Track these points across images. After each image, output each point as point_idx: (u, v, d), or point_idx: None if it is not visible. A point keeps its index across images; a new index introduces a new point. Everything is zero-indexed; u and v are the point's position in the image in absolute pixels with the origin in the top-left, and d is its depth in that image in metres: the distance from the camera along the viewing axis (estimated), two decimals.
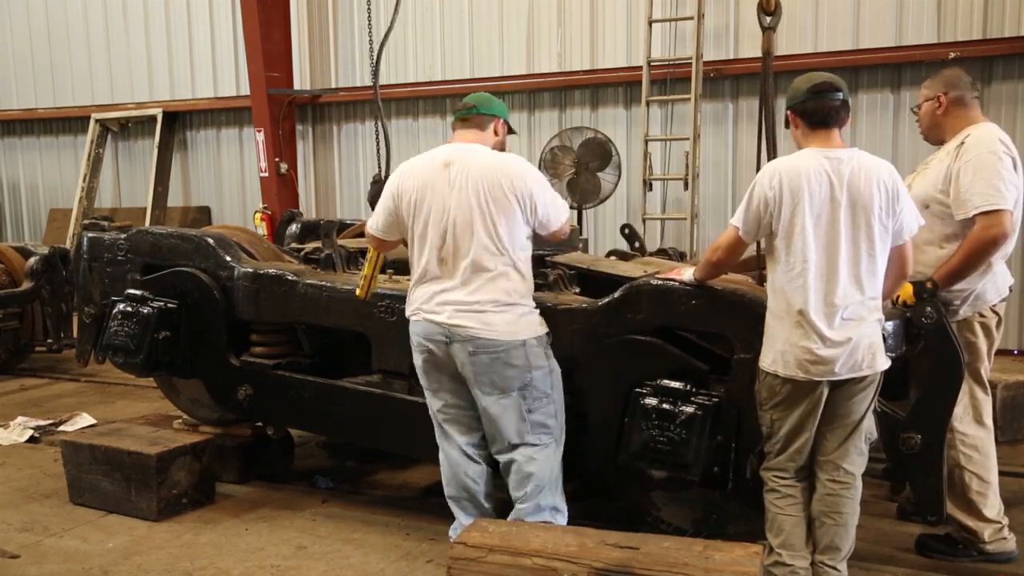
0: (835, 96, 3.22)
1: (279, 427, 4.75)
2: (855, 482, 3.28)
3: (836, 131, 3.23)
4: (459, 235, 3.44)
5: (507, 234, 3.45)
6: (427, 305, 3.51)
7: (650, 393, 3.49)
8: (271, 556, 3.90)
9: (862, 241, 3.12)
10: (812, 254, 3.11)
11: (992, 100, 7.58)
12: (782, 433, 3.25)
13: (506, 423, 3.50)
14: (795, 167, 3.16)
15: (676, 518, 3.77)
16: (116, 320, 4.60)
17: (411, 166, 3.66)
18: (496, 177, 3.45)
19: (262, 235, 8.12)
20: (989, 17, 7.44)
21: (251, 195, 10.97)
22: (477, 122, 3.67)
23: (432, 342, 3.51)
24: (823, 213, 3.11)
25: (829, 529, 3.27)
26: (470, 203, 3.43)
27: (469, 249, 3.43)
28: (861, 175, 3.12)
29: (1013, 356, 7.48)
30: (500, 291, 3.44)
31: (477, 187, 3.43)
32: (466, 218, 3.43)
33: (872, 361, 3.15)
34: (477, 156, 3.52)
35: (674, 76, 8.44)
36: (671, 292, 3.57)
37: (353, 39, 10.19)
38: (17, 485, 4.83)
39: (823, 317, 3.10)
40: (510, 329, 3.44)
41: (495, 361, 3.43)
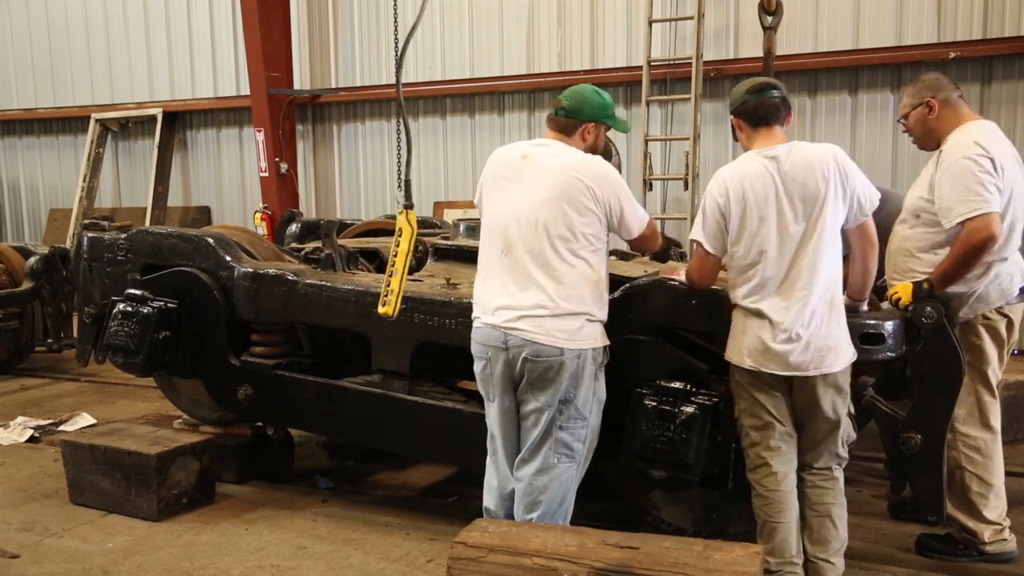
0: (773, 94, 3.27)
1: (279, 427, 4.75)
2: (833, 474, 3.31)
3: (778, 128, 3.27)
4: (524, 233, 3.25)
5: (577, 236, 3.23)
6: (487, 309, 3.33)
7: (650, 393, 3.49)
8: (271, 556, 3.90)
9: (813, 234, 3.14)
10: (762, 253, 3.17)
11: (992, 100, 7.59)
12: (750, 425, 3.30)
13: (532, 432, 3.33)
14: (737, 172, 3.24)
15: (676, 518, 3.77)
16: (116, 320, 4.60)
17: (495, 155, 3.47)
18: (572, 175, 3.24)
19: (262, 235, 8.12)
20: (989, 17, 7.45)
21: (251, 195, 10.97)
22: (562, 125, 3.41)
23: (489, 347, 3.32)
24: (769, 213, 3.16)
25: (814, 521, 3.30)
26: (541, 199, 3.23)
27: (534, 249, 3.23)
28: (801, 167, 3.16)
29: (1013, 356, 7.48)
30: (564, 296, 3.22)
31: (551, 184, 3.23)
32: (533, 217, 3.23)
33: (822, 362, 3.15)
34: (554, 152, 3.33)
35: (674, 76, 8.45)
36: (671, 292, 3.57)
37: (353, 39, 10.19)
38: (17, 485, 4.83)
39: (776, 311, 3.14)
40: (569, 338, 3.22)
41: (548, 369, 3.22)
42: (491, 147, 9.62)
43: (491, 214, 3.37)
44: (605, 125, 3.47)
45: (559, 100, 3.43)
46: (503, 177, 3.36)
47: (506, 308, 3.26)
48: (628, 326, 3.62)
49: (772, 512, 3.29)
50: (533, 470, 3.33)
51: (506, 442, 3.44)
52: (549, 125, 3.47)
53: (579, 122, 3.39)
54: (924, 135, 3.75)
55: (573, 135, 3.40)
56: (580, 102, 3.41)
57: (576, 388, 3.26)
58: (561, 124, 3.42)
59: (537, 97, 9.37)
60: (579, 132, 3.40)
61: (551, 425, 3.29)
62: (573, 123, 3.40)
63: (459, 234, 5.52)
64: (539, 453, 3.33)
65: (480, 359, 3.40)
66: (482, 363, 3.39)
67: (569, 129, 3.40)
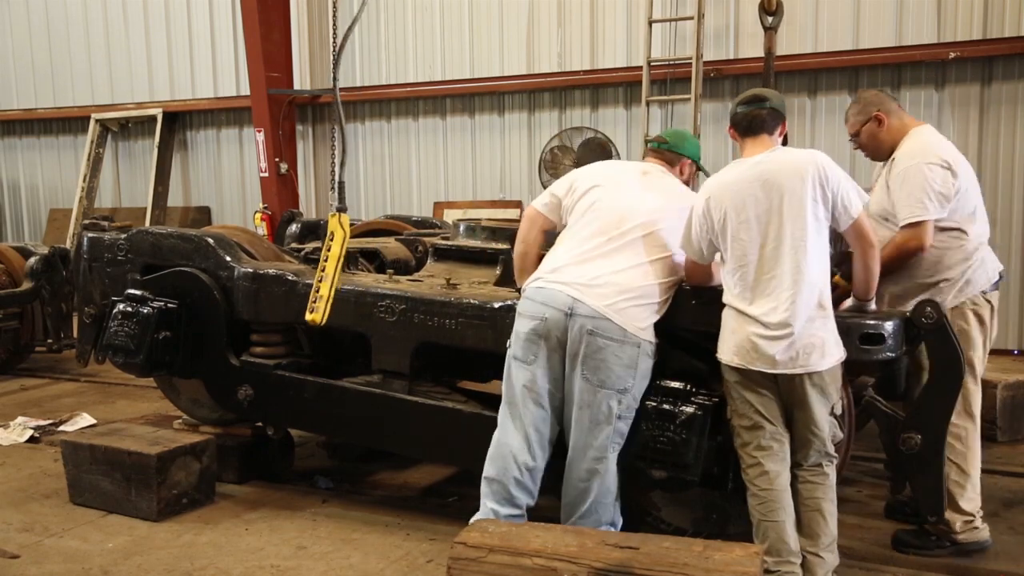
0: (762, 104, 3.41)
1: (279, 427, 4.74)
2: (824, 470, 3.34)
3: (766, 136, 3.40)
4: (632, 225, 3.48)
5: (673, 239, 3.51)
6: (555, 275, 3.47)
7: (650, 393, 3.49)
8: (271, 556, 3.90)
9: (795, 234, 3.20)
10: (746, 255, 3.25)
11: (992, 100, 7.60)
12: (741, 425, 3.34)
13: (590, 419, 3.40)
14: (720, 182, 3.37)
15: (676, 518, 3.77)
16: (116, 320, 4.59)
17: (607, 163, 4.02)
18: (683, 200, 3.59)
19: (262, 235, 8.13)
20: (989, 17, 7.46)
21: (251, 195, 10.98)
22: (667, 158, 3.79)
23: (550, 308, 3.39)
24: (752, 216, 3.25)
25: (804, 515, 3.33)
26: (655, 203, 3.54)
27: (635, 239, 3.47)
28: (780, 170, 3.25)
29: (1013, 356, 7.49)
30: (640, 285, 3.41)
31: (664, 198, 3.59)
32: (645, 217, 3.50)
33: (808, 360, 3.19)
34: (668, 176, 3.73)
35: (674, 76, 8.45)
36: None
37: (353, 39, 10.19)
38: (17, 485, 4.83)
39: (762, 310, 3.20)
40: (634, 325, 3.37)
41: (606, 349, 3.33)
42: (491, 147, 9.73)
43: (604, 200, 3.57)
44: (697, 167, 3.90)
45: (660, 136, 3.87)
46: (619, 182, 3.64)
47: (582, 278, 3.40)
48: None
49: (766, 511, 3.31)
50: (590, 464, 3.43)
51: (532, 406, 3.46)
52: (652, 156, 3.84)
53: (679, 156, 3.79)
54: (876, 148, 3.92)
55: (675, 166, 3.79)
56: (681, 139, 3.84)
57: (634, 377, 3.39)
58: (666, 157, 3.80)
59: (537, 97, 9.38)
60: (679, 165, 3.80)
61: (611, 414, 3.39)
62: (675, 157, 3.79)
63: (459, 234, 5.52)
64: (595, 443, 3.41)
65: (531, 318, 3.44)
66: (533, 322, 3.43)
67: (673, 161, 3.79)
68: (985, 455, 5.03)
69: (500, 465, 3.50)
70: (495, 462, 3.52)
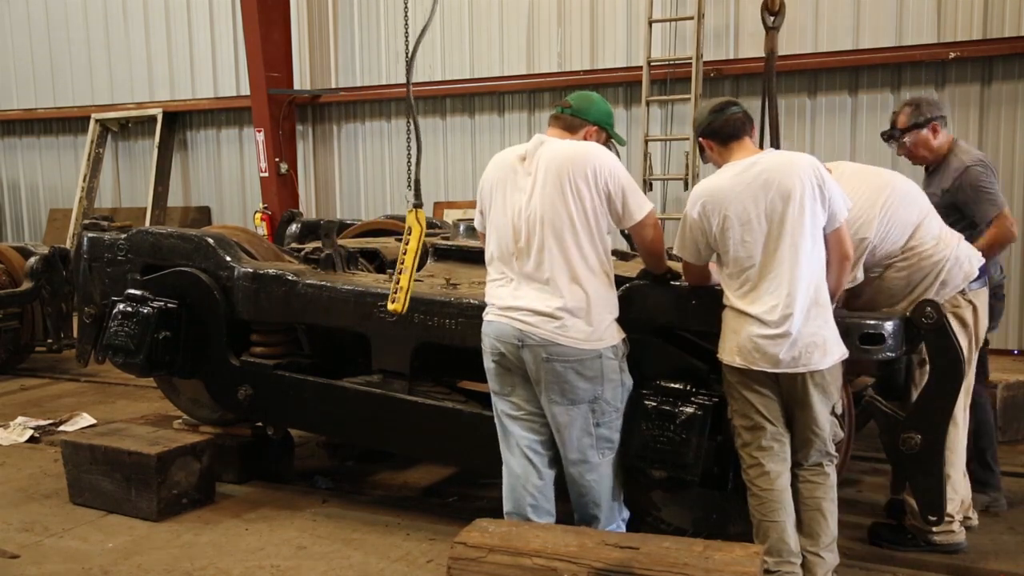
0: (735, 110, 3.37)
1: (279, 427, 4.74)
2: (824, 470, 3.34)
3: (747, 139, 3.37)
4: (536, 231, 3.22)
5: (590, 230, 3.22)
6: (500, 304, 3.32)
7: (650, 393, 3.48)
8: (271, 556, 3.90)
9: (794, 233, 3.18)
10: (748, 256, 3.23)
11: (992, 100, 7.59)
12: (742, 425, 3.34)
13: (571, 435, 3.32)
14: (715, 187, 3.31)
15: (676, 518, 3.77)
16: (116, 320, 4.60)
17: (494, 160, 3.46)
18: (576, 165, 3.20)
19: (262, 235, 8.13)
20: (989, 17, 7.45)
21: (251, 195, 10.97)
22: (567, 123, 3.41)
23: (504, 344, 3.30)
24: (753, 218, 3.22)
25: (805, 515, 3.33)
26: (549, 196, 3.20)
27: (547, 247, 3.21)
28: (777, 169, 3.23)
29: (1013, 356, 7.49)
30: (580, 295, 3.21)
31: (556, 178, 3.20)
32: (543, 213, 3.21)
33: (810, 359, 3.18)
34: (554, 145, 3.29)
35: (674, 76, 8.45)
36: (671, 292, 3.57)
37: (353, 39, 10.20)
38: (17, 485, 4.83)
39: (763, 310, 3.19)
40: (587, 338, 3.22)
41: (567, 370, 3.21)
42: (491, 147, 9.70)
43: (497, 217, 3.35)
44: (607, 133, 3.47)
45: (565, 100, 3.45)
46: (504, 181, 3.34)
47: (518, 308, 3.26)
48: (628, 326, 3.61)
49: (767, 511, 3.31)
50: (582, 472, 3.37)
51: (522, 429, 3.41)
52: (553, 124, 3.44)
53: (584, 123, 3.41)
54: None
55: (577, 133, 3.39)
56: (587, 104, 3.44)
57: (602, 385, 3.29)
58: (566, 123, 3.41)
59: (537, 97, 9.37)
60: (582, 132, 3.40)
61: (587, 425, 3.31)
62: (579, 123, 3.41)
63: (459, 234, 5.53)
64: (582, 456, 3.35)
65: (491, 354, 3.38)
66: (493, 358, 3.37)
67: (574, 127, 3.40)
68: None
69: (513, 498, 3.45)
70: (508, 497, 3.47)
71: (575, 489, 3.44)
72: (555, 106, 3.49)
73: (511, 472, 3.46)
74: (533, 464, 3.42)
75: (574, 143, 3.32)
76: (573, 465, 3.38)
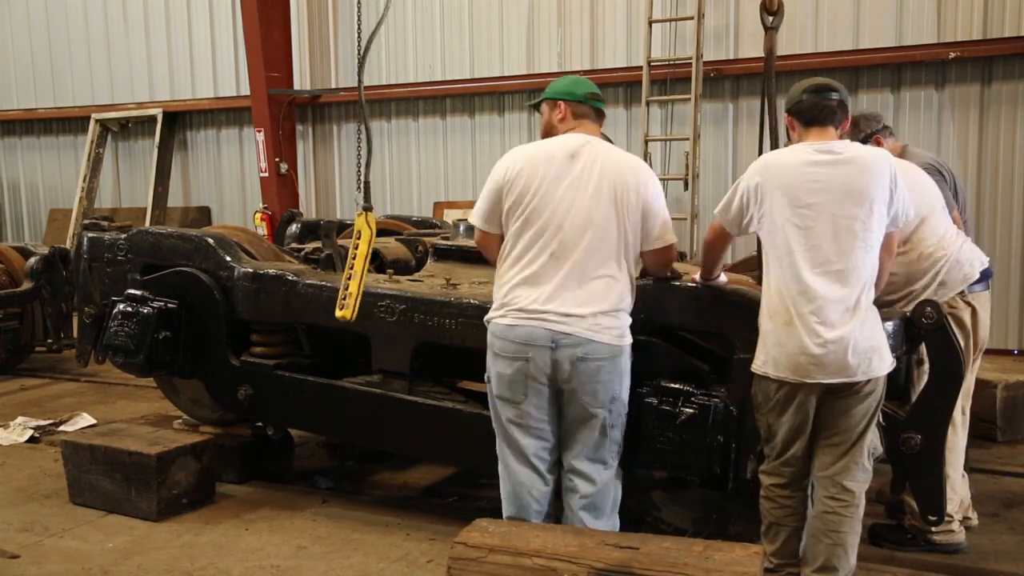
0: (830, 95, 3.19)
1: (279, 427, 4.75)
2: (855, 500, 3.16)
3: (832, 129, 3.18)
4: (585, 233, 3.17)
5: (628, 237, 3.23)
6: (528, 307, 3.20)
7: (650, 393, 3.48)
8: (271, 556, 3.90)
9: (857, 233, 3.04)
10: (798, 248, 3.06)
11: (992, 100, 7.59)
12: (778, 439, 3.21)
13: (590, 439, 3.28)
14: (781, 160, 3.15)
15: (676, 518, 3.77)
16: (116, 320, 4.60)
17: (525, 153, 3.33)
18: (626, 177, 3.22)
19: (262, 235, 8.12)
20: (989, 17, 7.45)
21: (251, 195, 10.97)
22: (601, 115, 3.45)
23: (534, 348, 3.18)
24: (810, 204, 3.05)
25: (826, 548, 3.15)
26: (604, 201, 3.18)
27: (592, 249, 3.18)
28: (855, 166, 3.07)
29: (1013, 356, 7.49)
30: (614, 296, 3.21)
31: (612, 184, 3.19)
32: (598, 217, 3.17)
33: (869, 365, 3.04)
34: (606, 152, 3.27)
35: (674, 76, 8.45)
36: (671, 292, 3.57)
37: (353, 39, 10.18)
38: (17, 485, 4.83)
39: (813, 314, 3.03)
40: (618, 335, 3.22)
41: (600, 369, 3.19)
42: (491, 147, 9.72)
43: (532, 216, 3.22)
44: None
45: (595, 92, 3.44)
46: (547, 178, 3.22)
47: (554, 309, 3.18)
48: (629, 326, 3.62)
49: (781, 516, 3.24)
50: (590, 475, 3.31)
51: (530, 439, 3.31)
52: (591, 118, 3.41)
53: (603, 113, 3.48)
54: None
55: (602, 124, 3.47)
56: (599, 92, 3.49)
57: (621, 384, 3.28)
58: (600, 115, 3.45)
59: (537, 97, 9.35)
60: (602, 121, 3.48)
61: (604, 426, 3.26)
62: (603, 113, 3.45)
63: (459, 234, 5.52)
64: (594, 457, 3.30)
65: (515, 359, 3.23)
66: (518, 363, 3.22)
67: (602, 118, 3.46)
68: (985, 455, 5.07)
69: (518, 504, 3.36)
70: (512, 503, 3.37)
71: (579, 492, 3.33)
72: (589, 97, 3.41)
73: (516, 480, 3.36)
74: (539, 472, 3.35)
75: (626, 155, 3.36)
76: (584, 467, 3.31)
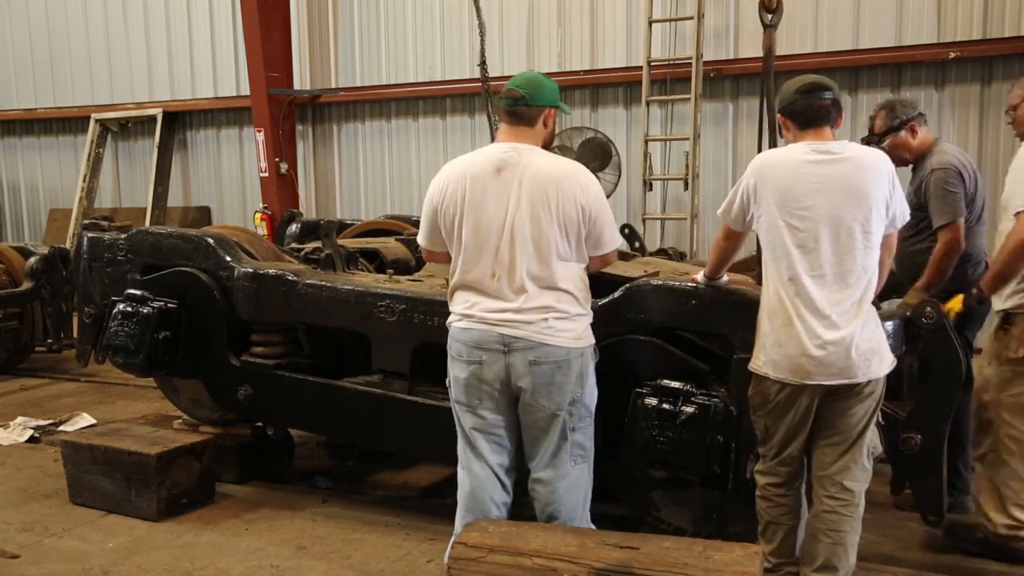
0: (824, 95, 3.16)
1: (279, 427, 4.75)
2: (855, 499, 3.16)
3: (828, 130, 3.16)
4: (520, 244, 3.12)
5: (571, 242, 3.16)
6: (479, 312, 3.18)
7: (650, 393, 3.48)
8: (271, 556, 3.90)
9: (857, 233, 3.02)
10: (797, 249, 3.03)
11: (992, 100, 7.59)
12: (775, 440, 3.21)
13: (549, 442, 3.22)
14: (778, 159, 3.13)
15: (676, 518, 3.77)
16: (116, 320, 4.60)
17: (456, 169, 3.27)
18: (559, 183, 3.14)
19: (262, 235, 8.12)
20: (989, 17, 7.45)
21: (251, 195, 10.97)
22: (524, 115, 3.22)
23: (486, 351, 3.16)
24: (809, 205, 3.02)
25: (826, 547, 3.15)
26: (536, 210, 3.12)
27: (528, 258, 3.12)
28: (853, 165, 3.06)
29: None
30: (562, 299, 3.16)
31: (542, 193, 3.12)
32: (528, 227, 3.12)
33: (869, 366, 3.04)
34: (535, 160, 3.17)
35: (674, 76, 8.44)
36: (671, 292, 3.57)
37: (353, 39, 10.19)
38: (17, 485, 4.83)
39: (813, 315, 3.01)
40: (572, 337, 3.17)
41: (556, 371, 3.14)
42: None
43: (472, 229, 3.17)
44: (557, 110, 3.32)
45: (513, 90, 3.22)
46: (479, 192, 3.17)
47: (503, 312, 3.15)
48: (628, 326, 3.62)
49: (778, 515, 3.24)
50: (552, 479, 3.25)
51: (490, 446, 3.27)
52: (507, 120, 3.25)
53: (541, 109, 3.24)
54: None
55: (536, 124, 3.25)
56: (536, 86, 3.23)
57: (582, 387, 3.21)
58: (523, 115, 3.22)
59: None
60: (541, 120, 3.25)
61: (564, 429, 3.20)
62: (536, 111, 3.22)
63: None
64: (555, 460, 3.24)
65: (468, 363, 3.20)
66: (471, 367, 3.19)
67: (532, 119, 3.23)
68: None
69: (477, 510, 3.29)
70: (470, 507, 3.30)
71: (541, 501, 3.29)
72: (502, 97, 3.24)
73: (477, 483, 3.29)
74: (500, 480, 3.30)
75: (558, 160, 3.24)
76: (544, 474, 3.26)
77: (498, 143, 3.25)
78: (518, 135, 3.23)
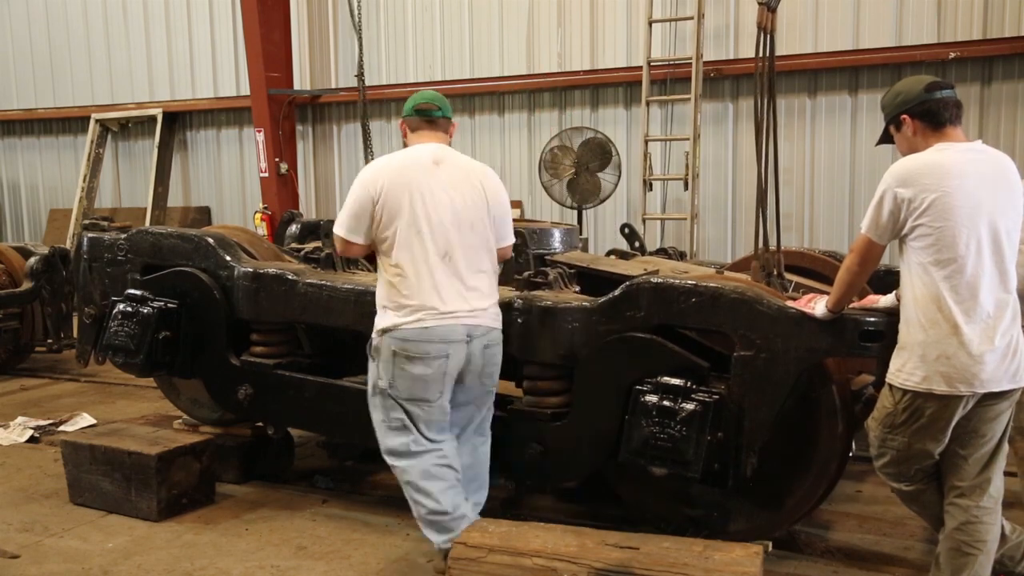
0: (952, 93, 3.03)
1: (279, 427, 4.75)
2: (998, 506, 3.03)
3: (960, 130, 3.03)
4: (466, 232, 3.51)
5: (495, 232, 3.64)
6: (443, 308, 3.44)
7: (650, 390, 3.48)
8: (271, 556, 3.90)
9: (1013, 234, 2.91)
10: (968, 253, 2.85)
11: (992, 100, 7.59)
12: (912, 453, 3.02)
13: (486, 415, 3.71)
14: (935, 163, 2.91)
15: (676, 518, 3.77)
16: (116, 320, 4.60)
17: (389, 164, 3.57)
18: (483, 180, 3.62)
19: (262, 235, 8.12)
20: (989, 17, 7.45)
21: (251, 195, 10.97)
22: (443, 125, 3.71)
23: (452, 344, 3.45)
24: (970, 206, 2.85)
25: (972, 560, 2.96)
26: (472, 201, 3.54)
27: (471, 247, 3.53)
28: (999, 166, 2.97)
29: None
30: (494, 284, 3.65)
31: (472, 187, 3.57)
32: (466, 217, 3.52)
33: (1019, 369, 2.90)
34: (459, 157, 3.65)
35: (674, 76, 8.45)
36: (671, 290, 3.57)
37: (353, 39, 10.19)
38: (17, 485, 4.83)
39: (976, 321, 2.85)
40: (500, 319, 3.64)
41: (497, 352, 3.62)
42: (491, 147, 9.71)
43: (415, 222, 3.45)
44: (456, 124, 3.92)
45: (430, 103, 3.67)
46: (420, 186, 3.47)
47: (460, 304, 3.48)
48: (628, 324, 3.62)
49: (980, 534, 3.00)
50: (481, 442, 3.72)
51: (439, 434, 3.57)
52: (428, 128, 3.67)
53: (448, 121, 3.75)
54: None
55: (448, 131, 3.74)
56: (445, 103, 3.73)
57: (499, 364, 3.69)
58: (442, 124, 3.70)
59: (537, 97, 9.37)
60: (450, 130, 3.76)
61: (489, 403, 3.69)
62: (447, 122, 3.73)
63: None
64: (482, 427, 3.72)
65: (436, 357, 3.45)
66: (438, 360, 3.45)
67: (447, 128, 3.73)
68: None
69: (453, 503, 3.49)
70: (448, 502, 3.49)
71: (472, 469, 3.67)
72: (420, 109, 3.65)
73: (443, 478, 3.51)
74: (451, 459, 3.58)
75: (474, 162, 3.71)
76: (479, 444, 3.70)
77: (424, 143, 3.63)
78: (439, 139, 3.68)
